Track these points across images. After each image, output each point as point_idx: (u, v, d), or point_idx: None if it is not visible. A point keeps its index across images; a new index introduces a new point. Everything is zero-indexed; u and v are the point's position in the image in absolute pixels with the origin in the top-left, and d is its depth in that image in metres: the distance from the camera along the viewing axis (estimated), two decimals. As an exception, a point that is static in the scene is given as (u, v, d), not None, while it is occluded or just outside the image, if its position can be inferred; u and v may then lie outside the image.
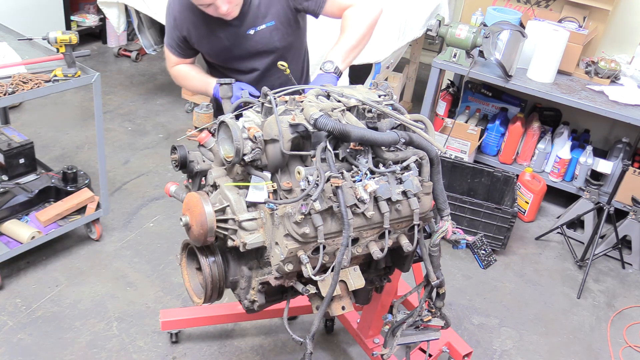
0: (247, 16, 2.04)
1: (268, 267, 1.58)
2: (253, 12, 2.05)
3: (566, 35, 3.52)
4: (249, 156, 1.48)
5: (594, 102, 3.44)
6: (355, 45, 2.04)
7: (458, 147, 3.90)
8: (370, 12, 2.08)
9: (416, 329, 1.90)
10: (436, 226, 1.73)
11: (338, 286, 1.53)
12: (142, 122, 4.34)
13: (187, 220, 1.58)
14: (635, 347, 2.93)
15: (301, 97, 1.61)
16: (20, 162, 3.09)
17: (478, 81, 4.09)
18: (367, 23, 2.06)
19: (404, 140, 1.56)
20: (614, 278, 3.39)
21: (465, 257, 3.35)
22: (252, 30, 2.07)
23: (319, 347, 2.67)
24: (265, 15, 2.06)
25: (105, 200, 3.07)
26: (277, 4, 2.07)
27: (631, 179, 3.53)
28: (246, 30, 2.07)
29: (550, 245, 3.60)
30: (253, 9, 2.04)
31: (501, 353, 2.79)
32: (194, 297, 1.73)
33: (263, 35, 2.09)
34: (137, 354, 2.54)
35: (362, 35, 2.05)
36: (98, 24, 5.32)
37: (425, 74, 4.32)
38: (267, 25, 2.07)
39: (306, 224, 1.43)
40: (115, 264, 3.01)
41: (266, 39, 2.10)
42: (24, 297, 2.75)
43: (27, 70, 2.64)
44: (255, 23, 2.06)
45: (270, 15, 2.07)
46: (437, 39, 3.76)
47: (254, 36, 2.08)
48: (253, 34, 2.08)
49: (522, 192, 3.70)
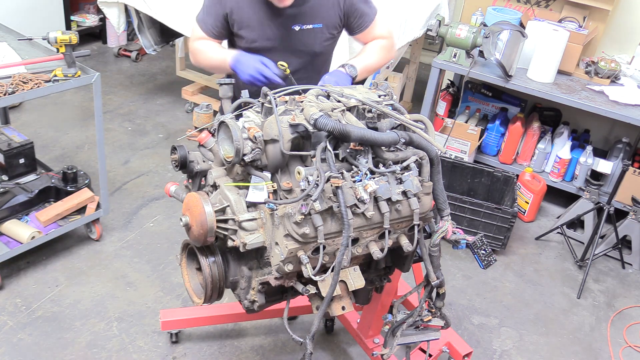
0: (299, 12, 2.04)
1: (268, 267, 1.59)
2: (305, 9, 2.05)
3: (566, 35, 3.52)
4: (249, 156, 1.48)
5: (594, 102, 3.44)
6: (370, 70, 2.15)
7: (458, 147, 3.90)
8: (392, 52, 2.25)
9: (416, 329, 1.90)
10: (436, 226, 1.73)
11: (338, 286, 1.53)
12: (142, 122, 4.34)
13: (187, 220, 1.58)
14: (635, 347, 2.93)
15: (301, 97, 1.61)
16: (20, 162, 3.09)
17: (478, 81, 4.08)
18: (386, 60, 2.21)
19: (404, 140, 1.57)
20: (614, 278, 3.39)
21: (465, 257, 3.35)
22: (297, 26, 2.06)
23: (319, 347, 2.67)
24: (315, 16, 2.07)
25: (105, 200, 3.07)
26: (331, 9, 2.08)
27: (631, 179, 3.53)
28: (292, 25, 2.06)
29: (550, 245, 3.60)
30: (306, 6, 2.04)
31: (501, 353, 2.79)
32: (194, 297, 1.73)
33: (307, 35, 2.09)
34: (137, 354, 2.54)
35: (378, 66, 2.19)
36: (98, 24, 5.32)
37: (425, 74, 4.32)
38: (315, 26, 2.08)
39: (306, 224, 1.43)
40: (115, 264, 3.01)
41: (309, 39, 2.10)
42: (24, 297, 2.75)
43: (27, 70, 2.64)
44: (303, 20, 2.06)
45: (320, 17, 2.08)
46: (437, 39, 3.76)
47: (298, 33, 2.08)
48: (298, 30, 2.07)
49: (522, 192, 3.70)
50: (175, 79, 4.90)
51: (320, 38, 2.12)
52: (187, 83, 4.68)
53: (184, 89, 4.59)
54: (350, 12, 2.12)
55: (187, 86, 4.61)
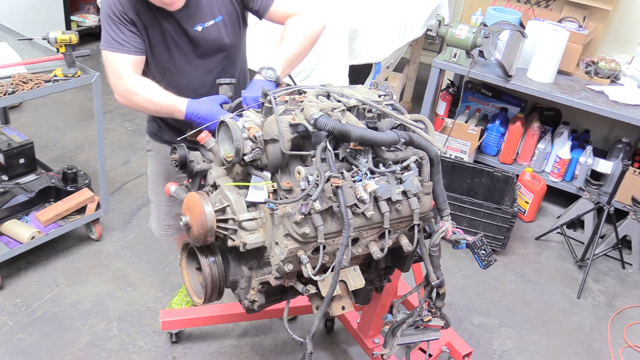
0: (194, 11, 1.91)
1: (268, 267, 1.59)
2: (199, 8, 1.92)
3: (566, 35, 3.52)
4: (249, 156, 1.48)
5: (594, 102, 3.44)
6: (296, 56, 1.95)
7: (458, 147, 3.90)
8: (314, 25, 1.99)
9: (416, 329, 1.90)
10: (436, 226, 1.73)
11: (338, 286, 1.53)
12: (142, 122, 4.34)
13: (187, 220, 1.58)
14: (635, 347, 2.93)
15: (301, 97, 1.61)
16: (20, 162, 3.10)
17: (478, 81, 4.09)
18: (309, 35, 1.97)
19: (404, 140, 1.56)
20: (614, 278, 3.39)
21: (465, 257, 3.35)
22: (199, 26, 1.93)
23: (319, 347, 2.67)
24: (212, 11, 1.94)
25: (105, 200, 3.07)
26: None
27: (631, 179, 3.53)
28: (193, 27, 1.93)
29: (550, 245, 3.60)
30: (199, 3, 1.91)
31: (501, 353, 2.79)
32: (194, 297, 1.73)
33: (211, 31, 1.96)
34: (137, 354, 2.54)
35: (304, 47, 1.97)
36: (98, 24, 5.32)
37: (425, 74, 4.32)
38: (215, 21, 1.95)
39: (306, 224, 1.43)
40: (115, 264, 3.01)
41: (215, 35, 1.97)
42: (24, 297, 2.75)
43: (27, 70, 2.64)
44: (203, 19, 1.94)
45: (218, 10, 1.95)
46: (437, 39, 3.76)
47: (201, 33, 1.95)
48: (201, 30, 1.94)
49: (522, 192, 3.70)
50: (175, 79, 4.90)
51: (226, 30, 1.99)
52: (187, 83, 4.68)
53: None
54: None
55: (187, 86, 4.60)
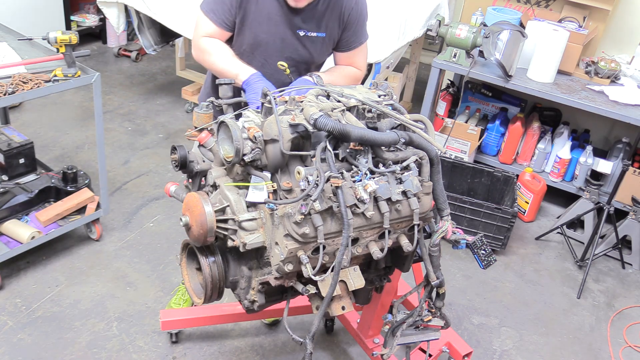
0: (306, 17, 2.01)
1: (268, 267, 1.58)
2: (312, 16, 2.01)
3: (566, 35, 3.52)
4: (249, 156, 1.48)
5: (594, 102, 3.44)
6: None
7: (458, 147, 3.90)
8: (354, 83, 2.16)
9: (416, 329, 1.90)
10: (436, 226, 1.73)
11: (338, 286, 1.53)
12: (142, 122, 4.34)
13: (187, 220, 1.58)
14: (635, 347, 2.93)
15: (301, 97, 1.61)
16: (20, 162, 3.10)
17: (478, 81, 4.09)
18: None
19: (404, 140, 1.56)
20: (614, 278, 3.39)
21: (465, 257, 3.35)
22: (302, 32, 2.03)
23: (319, 347, 2.67)
24: (320, 25, 2.04)
25: (105, 200, 3.07)
26: (335, 20, 2.05)
27: (631, 179, 3.54)
28: (297, 29, 2.03)
29: (550, 245, 3.60)
30: (315, 12, 2.01)
31: (501, 353, 2.79)
32: (194, 297, 1.73)
33: (310, 42, 2.06)
34: (137, 354, 2.54)
35: None
36: (98, 24, 5.32)
37: (425, 74, 4.32)
38: (318, 35, 2.05)
39: (306, 224, 1.43)
40: (115, 264, 3.01)
41: (310, 47, 2.07)
42: (24, 297, 2.75)
43: (27, 70, 2.64)
44: (309, 27, 2.04)
45: (324, 27, 2.05)
46: (437, 39, 3.76)
47: (302, 39, 2.05)
48: (302, 36, 2.04)
49: (522, 192, 3.70)
50: (175, 79, 4.90)
51: (321, 48, 2.10)
52: (187, 83, 4.69)
53: (184, 89, 4.59)
54: (348, 26, 2.09)
55: (187, 86, 4.61)
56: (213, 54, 2.03)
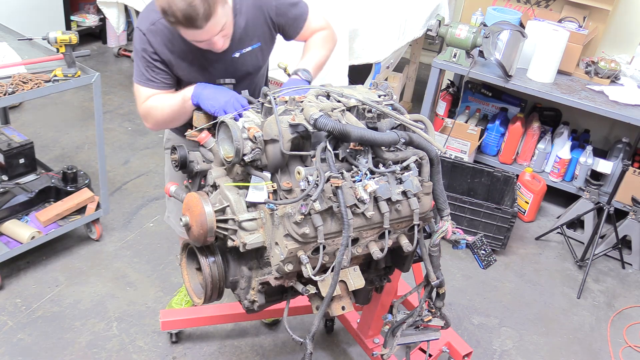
0: (234, 40, 1.93)
1: (268, 267, 1.59)
2: (239, 35, 1.94)
3: (566, 35, 3.52)
4: (249, 156, 1.48)
5: (594, 102, 3.44)
6: (320, 66, 2.06)
7: (458, 147, 3.90)
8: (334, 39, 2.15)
9: (416, 329, 1.90)
10: (436, 226, 1.73)
11: (338, 286, 1.53)
12: (142, 122, 4.31)
13: (187, 220, 1.58)
14: (635, 347, 2.93)
15: (301, 97, 1.61)
16: (20, 162, 3.09)
17: (478, 81, 4.09)
18: (331, 48, 2.12)
19: (404, 140, 1.57)
20: (614, 278, 3.39)
21: (465, 257, 3.35)
22: (237, 53, 1.97)
23: (319, 347, 2.67)
24: (251, 37, 1.98)
25: (105, 200, 3.07)
26: (263, 25, 1.99)
27: (631, 179, 3.53)
28: (232, 54, 1.96)
29: (550, 245, 3.60)
30: (239, 32, 1.94)
31: (501, 353, 2.79)
32: (194, 297, 1.73)
33: (248, 57, 2.01)
34: (137, 354, 2.54)
35: (326, 58, 2.10)
36: (98, 24, 5.32)
37: (425, 74, 4.32)
38: (253, 47, 2.00)
39: (306, 224, 1.43)
40: (115, 264, 3.01)
41: (251, 61, 2.02)
42: (24, 297, 2.75)
43: (27, 70, 2.64)
44: (241, 46, 1.97)
45: (257, 37, 1.99)
46: (437, 39, 3.76)
47: (239, 59, 1.98)
48: (238, 57, 1.97)
49: (522, 192, 3.70)
50: (175, 79, 4.90)
51: (260, 55, 2.05)
52: (187, 83, 4.68)
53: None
54: (282, 22, 2.03)
55: (187, 86, 4.60)
56: (158, 106, 1.92)
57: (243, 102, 1.78)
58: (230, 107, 1.74)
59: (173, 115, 1.93)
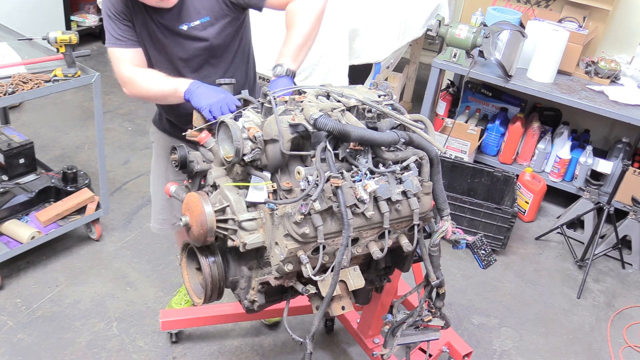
0: (182, 11, 1.92)
1: (268, 267, 1.58)
2: (187, 7, 1.93)
3: (566, 35, 3.52)
4: (249, 156, 1.48)
5: (594, 102, 3.44)
6: (304, 42, 1.92)
7: (458, 147, 3.90)
8: (314, 4, 1.95)
9: (416, 329, 1.90)
10: (436, 226, 1.73)
11: (338, 286, 1.53)
12: (142, 122, 4.34)
13: (187, 220, 1.58)
14: (635, 347, 2.93)
15: (301, 97, 1.61)
16: (20, 162, 3.10)
17: (478, 81, 4.09)
18: (313, 16, 1.93)
19: (404, 140, 1.57)
20: (614, 278, 3.39)
21: (465, 257, 3.35)
22: (185, 25, 1.95)
23: (319, 347, 2.67)
24: (199, 11, 1.95)
25: (105, 200, 3.07)
26: None
27: (631, 179, 3.53)
28: (179, 26, 1.94)
29: (550, 245, 3.60)
30: (187, 3, 1.92)
31: (501, 353, 2.79)
32: (194, 297, 1.73)
33: (196, 31, 1.97)
34: (137, 354, 2.54)
35: (310, 29, 1.93)
36: (98, 24, 5.32)
37: (425, 74, 4.32)
38: (202, 21, 1.95)
39: (306, 224, 1.43)
40: (115, 264, 3.01)
41: (200, 34, 1.97)
42: (24, 297, 2.75)
43: (27, 70, 2.64)
44: (188, 19, 1.94)
45: (205, 10, 1.95)
46: (437, 39, 3.76)
47: (187, 32, 1.96)
48: (186, 29, 1.95)
49: (522, 192, 3.70)
50: (175, 79, 4.90)
51: (213, 30, 1.99)
52: (187, 83, 4.68)
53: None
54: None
55: (187, 86, 4.60)
56: (142, 80, 1.96)
57: (232, 107, 1.75)
58: (216, 108, 1.73)
59: (158, 96, 2.00)
